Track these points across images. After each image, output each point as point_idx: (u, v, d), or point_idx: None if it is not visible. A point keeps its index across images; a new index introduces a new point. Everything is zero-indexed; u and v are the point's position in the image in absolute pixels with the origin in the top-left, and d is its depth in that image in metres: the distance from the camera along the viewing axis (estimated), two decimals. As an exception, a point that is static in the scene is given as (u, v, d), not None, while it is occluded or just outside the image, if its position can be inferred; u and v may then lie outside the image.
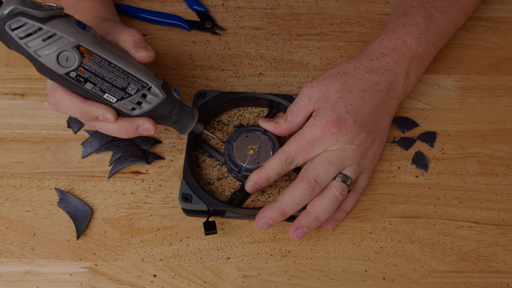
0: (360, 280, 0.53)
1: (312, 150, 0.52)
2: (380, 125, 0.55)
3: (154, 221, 0.56)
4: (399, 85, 0.56)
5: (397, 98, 0.57)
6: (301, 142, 0.52)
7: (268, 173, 0.52)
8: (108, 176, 0.58)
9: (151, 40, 0.69)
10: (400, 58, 0.56)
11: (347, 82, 0.54)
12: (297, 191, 0.51)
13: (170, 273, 0.53)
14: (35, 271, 0.54)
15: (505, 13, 0.70)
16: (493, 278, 0.53)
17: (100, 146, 0.59)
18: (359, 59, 0.56)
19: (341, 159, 0.52)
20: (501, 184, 0.58)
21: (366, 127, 0.53)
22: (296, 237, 0.51)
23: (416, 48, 0.57)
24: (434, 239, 0.55)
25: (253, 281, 0.53)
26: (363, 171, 0.56)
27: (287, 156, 0.52)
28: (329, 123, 0.52)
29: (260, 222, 0.51)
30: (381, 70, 0.56)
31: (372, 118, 0.54)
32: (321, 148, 0.52)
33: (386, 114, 0.56)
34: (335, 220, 0.55)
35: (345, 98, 0.53)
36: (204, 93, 0.60)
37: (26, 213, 0.57)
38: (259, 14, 0.71)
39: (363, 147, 0.53)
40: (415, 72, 0.58)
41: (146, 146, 0.59)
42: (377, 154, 0.56)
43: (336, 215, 0.55)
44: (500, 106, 0.63)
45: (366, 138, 0.53)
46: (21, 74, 0.66)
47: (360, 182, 0.56)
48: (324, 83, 0.54)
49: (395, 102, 0.57)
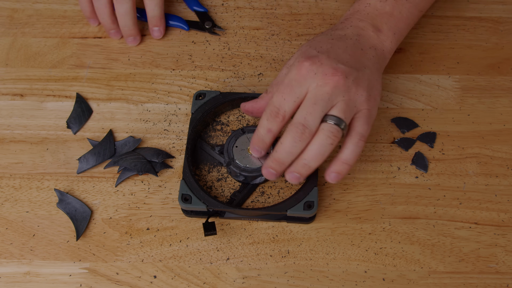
0: (360, 281, 0.53)
1: (293, 92, 0.50)
2: (362, 65, 0.53)
3: (153, 222, 0.56)
4: (370, 37, 0.56)
5: (374, 49, 0.56)
6: (280, 89, 0.51)
7: (259, 132, 0.52)
8: (116, 184, 0.58)
9: (151, 40, 0.68)
10: (364, 17, 0.57)
11: (315, 39, 0.55)
12: (287, 139, 0.50)
13: (169, 274, 0.53)
14: (35, 272, 0.54)
15: (505, 13, 0.70)
16: (493, 279, 0.53)
17: (96, 163, 0.59)
18: (324, 31, 0.58)
19: (325, 96, 0.49)
20: (501, 184, 0.58)
21: (343, 61, 0.51)
22: (289, 180, 0.51)
23: (381, 7, 0.58)
24: (434, 240, 0.55)
25: (253, 282, 0.53)
26: (358, 114, 0.51)
27: (271, 108, 0.51)
28: (301, 60, 0.51)
29: (264, 172, 0.52)
30: (346, 27, 0.57)
31: (349, 57, 0.53)
32: (302, 88, 0.50)
33: (366, 59, 0.54)
34: (336, 172, 0.51)
35: (314, 45, 0.54)
36: (204, 93, 0.60)
37: (25, 214, 0.57)
38: (259, 14, 0.71)
39: (347, 80, 0.50)
40: (388, 27, 0.57)
41: (157, 159, 0.59)
42: (372, 96, 0.52)
43: (336, 167, 0.51)
44: (500, 106, 0.63)
45: (346, 70, 0.50)
46: (21, 74, 0.66)
47: (357, 127, 0.51)
48: (295, 52, 0.55)
49: (373, 52, 0.55)
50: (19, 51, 0.68)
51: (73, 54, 0.68)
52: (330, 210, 0.57)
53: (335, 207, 0.57)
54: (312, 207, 0.53)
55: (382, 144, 0.61)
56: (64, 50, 0.68)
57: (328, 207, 0.57)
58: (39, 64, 0.67)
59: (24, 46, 0.68)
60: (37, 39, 0.69)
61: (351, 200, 0.57)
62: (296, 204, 0.53)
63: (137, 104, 0.64)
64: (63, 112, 0.63)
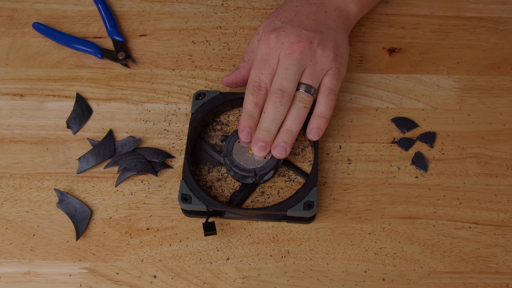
0: (360, 281, 0.53)
1: (267, 65, 0.55)
2: (326, 26, 0.57)
3: (153, 222, 0.56)
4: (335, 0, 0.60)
5: (339, 10, 0.60)
6: (255, 65, 0.56)
7: (247, 109, 0.55)
8: (115, 184, 0.58)
9: (150, 41, 0.68)
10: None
11: (281, 7, 0.60)
12: (269, 106, 0.54)
13: (169, 274, 0.53)
14: (35, 272, 0.54)
15: (505, 13, 0.70)
16: (493, 279, 0.53)
17: (96, 163, 0.59)
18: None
19: (295, 62, 0.54)
20: (501, 184, 0.58)
21: (307, 27, 0.56)
22: (278, 153, 0.54)
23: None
24: (434, 240, 0.55)
25: (253, 282, 0.53)
26: (328, 72, 0.56)
27: (253, 83, 0.55)
28: (267, 34, 0.56)
29: (255, 149, 0.54)
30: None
31: (312, 22, 0.57)
32: (273, 59, 0.55)
33: (330, 20, 0.58)
34: (316, 128, 0.55)
35: (279, 15, 0.58)
36: (204, 93, 0.60)
37: (25, 213, 0.57)
38: (259, 14, 0.71)
39: (312, 45, 0.55)
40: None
41: (157, 159, 0.59)
42: (339, 55, 0.57)
43: (314, 121, 0.55)
44: (500, 106, 0.63)
45: (310, 35, 0.55)
46: (21, 74, 0.66)
47: (326, 82, 0.56)
48: (264, 21, 0.59)
49: (337, 13, 0.59)
50: (19, 51, 0.68)
51: (73, 54, 0.68)
52: (330, 210, 0.57)
53: (335, 207, 0.57)
54: (312, 207, 0.53)
55: (382, 144, 0.61)
56: (64, 50, 0.68)
57: (328, 207, 0.57)
58: (39, 64, 0.67)
59: (24, 46, 0.68)
60: (37, 39, 0.69)
61: (351, 200, 0.57)
62: (296, 204, 0.53)
63: (137, 104, 0.64)
64: (63, 112, 0.63)
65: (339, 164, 0.59)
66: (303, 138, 0.61)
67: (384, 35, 0.68)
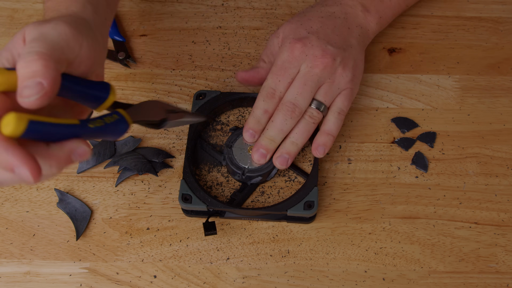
0: (360, 281, 0.53)
1: (287, 73, 0.54)
2: (349, 44, 0.57)
3: (153, 222, 0.56)
4: (358, 16, 0.59)
5: (360, 28, 0.59)
6: (274, 70, 0.55)
7: (256, 113, 0.54)
8: (116, 184, 0.58)
9: (151, 41, 0.68)
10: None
11: (306, 15, 0.59)
12: (278, 117, 0.53)
13: (169, 274, 0.53)
14: (35, 272, 0.54)
15: (505, 13, 0.70)
16: (493, 278, 0.53)
17: (96, 163, 0.59)
18: (314, 5, 0.61)
19: (315, 78, 0.54)
20: (501, 184, 0.58)
21: (332, 42, 0.56)
22: (279, 163, 0.54)
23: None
24: (434, 240, 0.55)
25: (253, 282, 0.53)
26: (342, 92, 0.56)
27: (267, 89, 0.54)
28: (292, 42, 0.55)
29: (255, 155, 0.54)
30: (335, 4, 0.60)
31: (336, 37, 0.56)
32: (294, 69, 0.54)
33: (352, 37, 0.58)
34: (322, 145, 0.55)
35: (305, 24, 0.57)
36: (204, 93, 0.60)
37: (25, 213, 0.57)
38: (259, 14, 0.71)
39: (335, 62, 0.54)
40: (376, 10, 0.61)
41: (157, 158, 0.59)
42: (356, 75, 0.57)
43: (321, 138, 0.55)
44: (500, 106, 0.63)
45: (334, 52, 0.55)
46: (21, 74, 0.66)
47: (338, 103, 0.56)
48: (286, 24, 0.59)
49: (359, 31, 0.59)
50: (19, 51, 0.68)
51: (73, 54, 0.68)
52: (330, 210, 0.57)
53: (335, 207, 0.57)
54: (312, 207, 0.53)
55: (382, 144, 0.61)
56: (64, 50, 0.68)
57: (328, 207, 0.57)
58: (39, 64, 0.67)
59: (24, 46, 0.68)
60: (37, 39, 0.69)
61: (351, 200, 0.57)
62: (296, 204, 0.53)
63: (137, 104, 0.64)
64: (63, 112, 0.63)
65: (339, 164, 0.59)
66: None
67: (384, 35, 0.68)
